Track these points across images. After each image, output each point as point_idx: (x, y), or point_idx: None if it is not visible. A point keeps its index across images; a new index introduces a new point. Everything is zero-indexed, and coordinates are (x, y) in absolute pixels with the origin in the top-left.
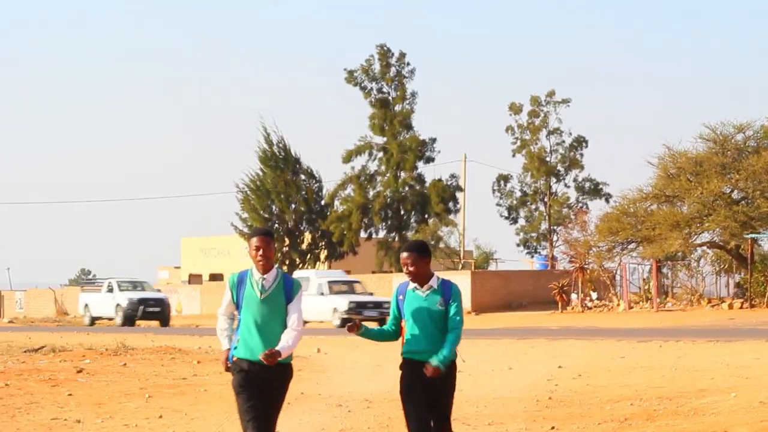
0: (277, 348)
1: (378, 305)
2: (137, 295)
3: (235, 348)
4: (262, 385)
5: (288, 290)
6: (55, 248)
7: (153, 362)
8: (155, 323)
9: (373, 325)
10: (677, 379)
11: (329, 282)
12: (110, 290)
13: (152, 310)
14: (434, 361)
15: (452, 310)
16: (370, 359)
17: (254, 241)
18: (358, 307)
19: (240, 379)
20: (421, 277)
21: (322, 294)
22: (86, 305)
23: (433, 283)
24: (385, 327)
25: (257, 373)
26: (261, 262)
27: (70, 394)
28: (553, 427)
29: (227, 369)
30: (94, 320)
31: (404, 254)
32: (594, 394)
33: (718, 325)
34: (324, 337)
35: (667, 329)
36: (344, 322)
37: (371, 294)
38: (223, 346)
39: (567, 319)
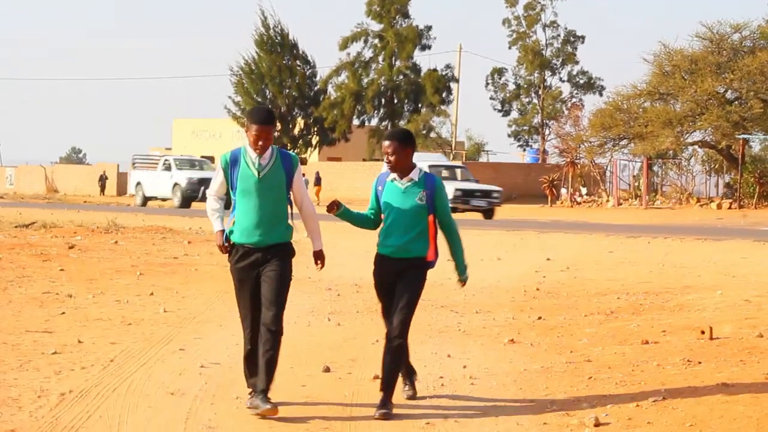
0: (316, 249)
1: (486, 194)
2: (197, 174)
3: (231, 232)
4: (261, 269)
5: (288, 166)
6: (47, 126)
7: (144, 241)
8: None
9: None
10: (664, 275)
11: (429, 166)
12: (167, 168)
13: None
14: (462, 278)
15: (443, 210)
16: (360, 246)
17: (255, 129)
18: (465, 196)
19: (238, 268)
20: (402, 168)
21: None
22: (138, 183)
23: (414, 175)
24: (365, 212)
25: (255, 257)
26: (259, 151)
27: (61, 269)
28: (539, 317)
29: (224, 251)
30: (146, 200)
31: (386, 142)
32: (581, 286)
33: (706, 224)
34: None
35: (656, 226)
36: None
37: (477, 181)
38: (215, 227)
39: (556, 213)
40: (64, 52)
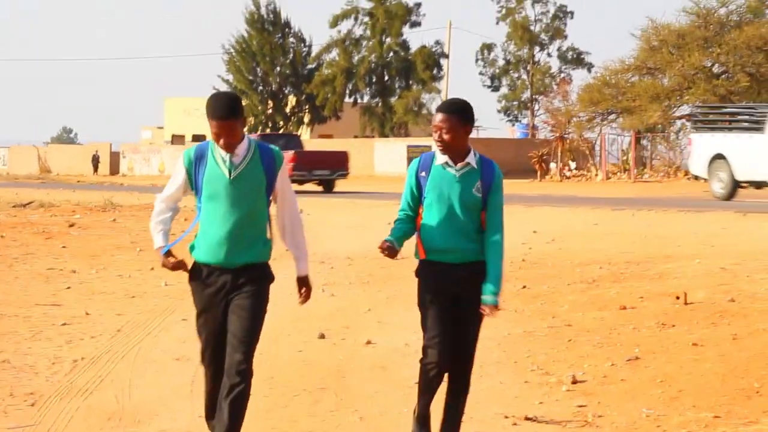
0: (300, 274)
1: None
2: None
3: (193, 248)
4: (230, 297)
5: (268, 163)
6: (37, 106)
7: (141, 218)
8: None
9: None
10: (646, 246)
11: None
12: None
13: None
14: (488, 299)
15: (496, 210)
16: (351, 220)
17: (214, 126)
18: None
19: (203, 295)
20: (457, 149)
21: None
22: (719, 158)
23: (471, 160)
24: (404, 221)
25: (223, 281)
26: (225, 149)
27: (64, 247)
28: (524, 286)
29: (174, 267)
30: (737, 186)
31: (439, 116)
32: (566, 257)
33: (692, 197)
34: (307, 198)
35: (642, 199)
36: None
37: None
38: (156, 243)
39: (545, 187)
40: (54, 32)
